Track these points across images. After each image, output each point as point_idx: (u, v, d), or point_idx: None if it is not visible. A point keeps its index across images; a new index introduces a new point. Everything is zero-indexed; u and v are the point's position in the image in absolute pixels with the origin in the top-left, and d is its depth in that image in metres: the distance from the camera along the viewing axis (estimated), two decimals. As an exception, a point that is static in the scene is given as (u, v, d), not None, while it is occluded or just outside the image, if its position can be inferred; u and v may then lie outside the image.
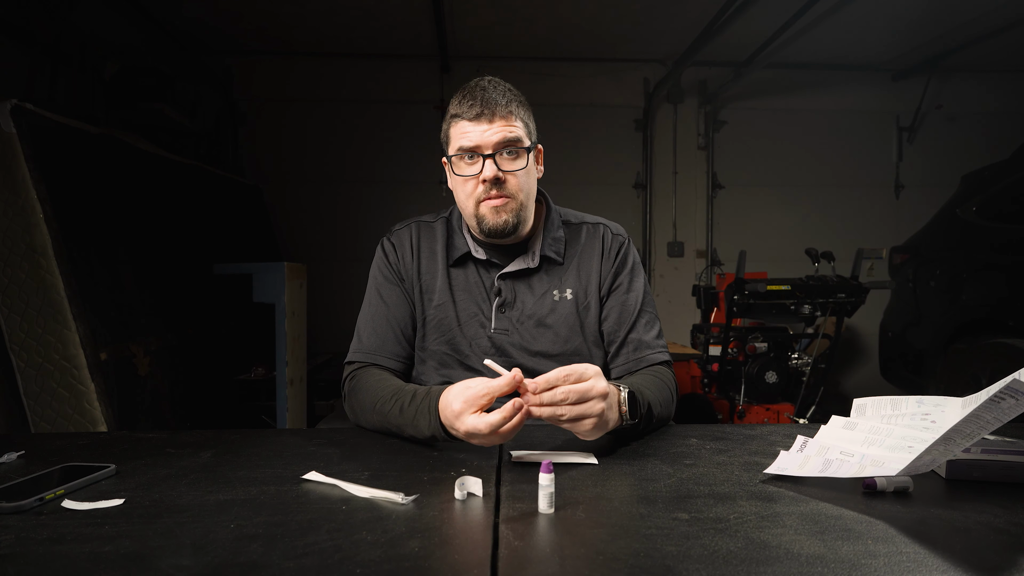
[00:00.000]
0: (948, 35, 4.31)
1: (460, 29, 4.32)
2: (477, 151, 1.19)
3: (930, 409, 0.92)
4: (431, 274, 1.31)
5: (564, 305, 1.28)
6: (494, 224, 1.22)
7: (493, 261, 1.29)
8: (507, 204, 1.21)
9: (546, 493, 0.73)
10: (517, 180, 1.22)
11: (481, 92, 1.19)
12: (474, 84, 1.22)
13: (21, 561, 0.61)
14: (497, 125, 1.19)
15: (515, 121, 1.21)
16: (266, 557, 0.61)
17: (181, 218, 3.34)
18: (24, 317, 2.26)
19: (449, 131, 1.23)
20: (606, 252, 1.32)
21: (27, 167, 2.24)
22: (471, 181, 1.21)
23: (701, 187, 5.18)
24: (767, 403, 3.54)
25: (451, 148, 1.23)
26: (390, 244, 1.35)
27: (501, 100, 1.19)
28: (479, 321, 1.27)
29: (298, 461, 0.93)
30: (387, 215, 4.82)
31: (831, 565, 0.60)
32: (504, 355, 1.26)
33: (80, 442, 1.06)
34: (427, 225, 1.36)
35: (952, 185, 3.42)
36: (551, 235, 1.32)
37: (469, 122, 1.19)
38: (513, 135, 1.20)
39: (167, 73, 3.77)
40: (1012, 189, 2.94)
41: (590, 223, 1.37)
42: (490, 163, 1.18)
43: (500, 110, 1.19)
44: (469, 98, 1.20)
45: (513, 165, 1.21)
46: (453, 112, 1.22)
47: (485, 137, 1.18)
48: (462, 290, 1.29)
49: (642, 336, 1.28)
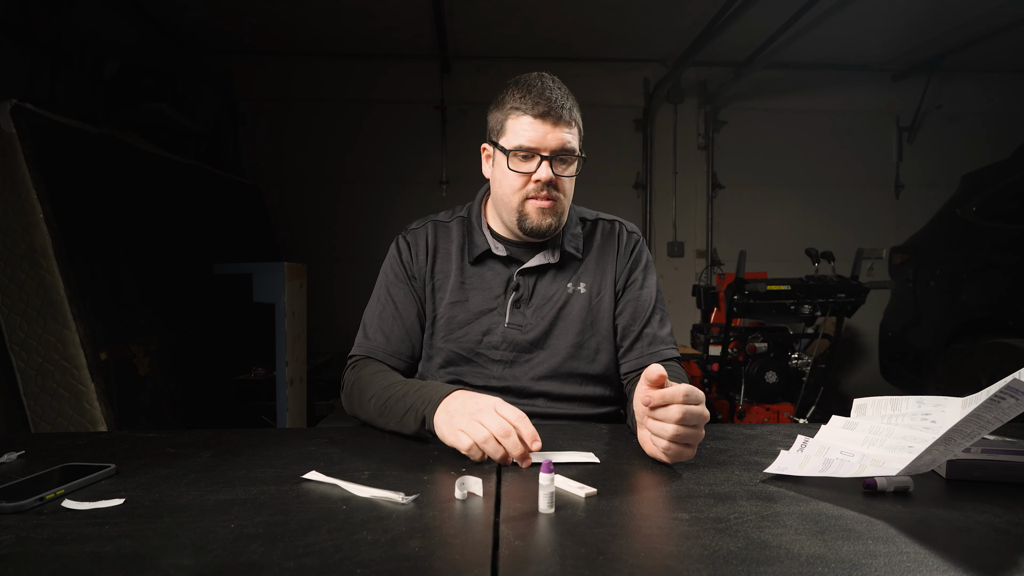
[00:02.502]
0: (948, 35, 4.30)
1: (460, 29, 4.32)
2: (536, 151, 1.19)
3: (930, 409, 0.92)
4: (445, 273, 1.31)
5: (578, 299, 1.29)
6: (538, 225, 1.23)
7: (513, 257, 1.30)
8: (554, 207, 1.22)
9: (546, 493, 0.73)
10: (565, 185, 1.23)
11: (548, 91, 1.19)
12: (536, 79, 1.21)
13: (21, 561, 0.61)
14: (560, 129, 1.19)
15: (574, 128, 1.22)
16: (266, 557, 0.61)
17: (181, 218, 3.34)
18: (24, 317, 2.26)
19: (507, 122, 1.22)
20: (622, 249, 1.34)
21: (27, 167, 2.24)
22: (521, 178, 1.21)
23: (701, 187, 5.18)
24: (767, 403, 3.54)
25: (507, 140, 1.22)
26: (405, 243, 1.35)
27: (566, 104, 1.20)
28: (493, 318, 1.27)
29: (298, 461, 0.93)
30: (387, 215, 4.82)
31: (831, 565, 0.60)
32: (517, 349, 1.26)
33: (80, 442, 1.06)
34: (443, 225, 1.36)
35: (952, 185, 3.42)
36: (570, 231, 1.33)
37: (534, 119, 1.18)
38: (572, 141, 1.20)
39: (167, 73, 3.77)
40: (1012, 189, 2.94)
41: (606, 220, 1.38)
42: (547, 165, 1.19)
43: (565, 114, 1.19)
44: (535, 94, 1.19)
45: (566, 171, 1.22)
46: (514, 105, 1.20)
47: (547, 139, 1.18)
48: (478, 288, 1.29)
49: (656, 331, 1.29)
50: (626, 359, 1.29)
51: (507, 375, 1.25)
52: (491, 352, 1.26)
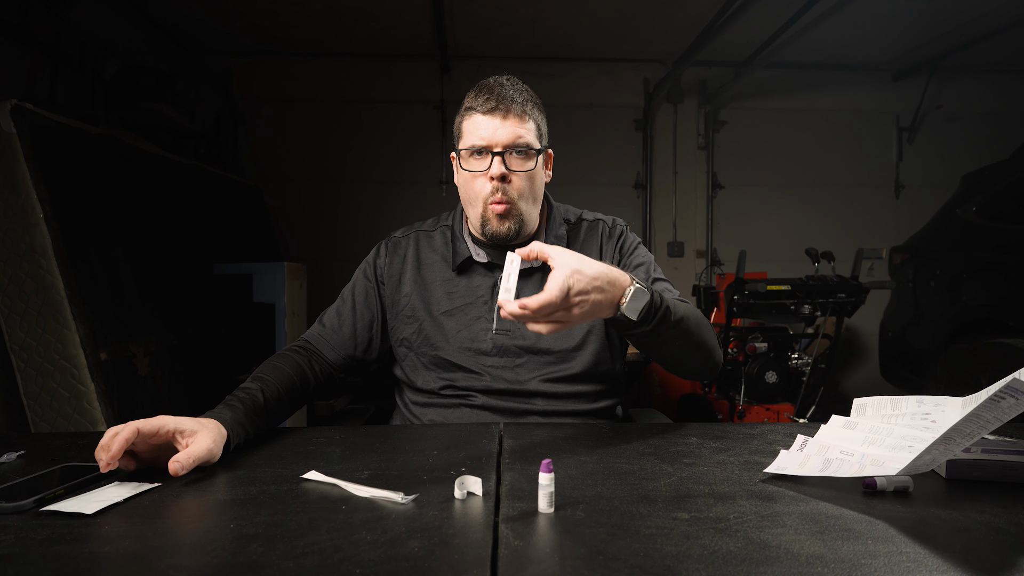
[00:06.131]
0: (948, 35, 4.30)
1: (460, 29, 4.32)
2: (488, 148, 1.19)
3: (930, 409, 0.92)
4: (430, 283, 1.32)
5: None
6: (497, 230, 1.23)
7: (495, 263, 1.30)
8: (509, 211, 1.22)
9: (546, 493, 0.73)
10: (521, 182, 1.21)
11: (498, 88, 1.20)
12: (492, 80, 1.22)
13: (21, 561, 0.61)
14: (510, 122, 1.19)
15: (528, 121, 1.21)
16: (266, 557, 0.61)
17: (181, 218, 3.34)
18: (24, 317, 2.26)
19: (462, 124, 1.23)
20: (605, 243, 1.34)
21: (27, 167, 2.24)
22: (479, 178, 1.21)
23: (701, 187, 5.18)
24: (767, 403, 3.53)
25: (462, 142, 1.23)
26: (385, 250, 1.38)
27: (517, 98, 1.20)
28: (481, 324, 1.28)
29: (298, 461, 0.93)
30: (387, 215, 4.82)
31: (831, 565, 0.60)
32: (507, 354, 1.27)
33: (80, 442, 1.06)
34: (427, 234, 1.38)
35: (952, 185, 3.42)
36: (553, 233, 1.33)
37: (483, 115, 1.19)
38: (525, 134, 1.20)
39: (167, 73, 3.76)
40: (1012, 189, 2.94)
41: (588, 220, 1.38)
42: (499, 160, 1.18)
43: (515, 108, 1.19)
44: (485, 92, 1.19)
45: (522, 165, 1.21)
46: (467, 105, 1.22)
47: (497, 134, 1.18)
48: (464, 295, 1.30)
49: None
50: None
51: (501, 378, 1.26)
52: (482, 359, 1.26)
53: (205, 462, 0.88)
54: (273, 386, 1.13)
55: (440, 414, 1.28)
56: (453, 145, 1.29)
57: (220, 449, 0.91)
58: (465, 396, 1.26)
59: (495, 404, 1.25)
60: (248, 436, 1.01)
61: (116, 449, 0.81)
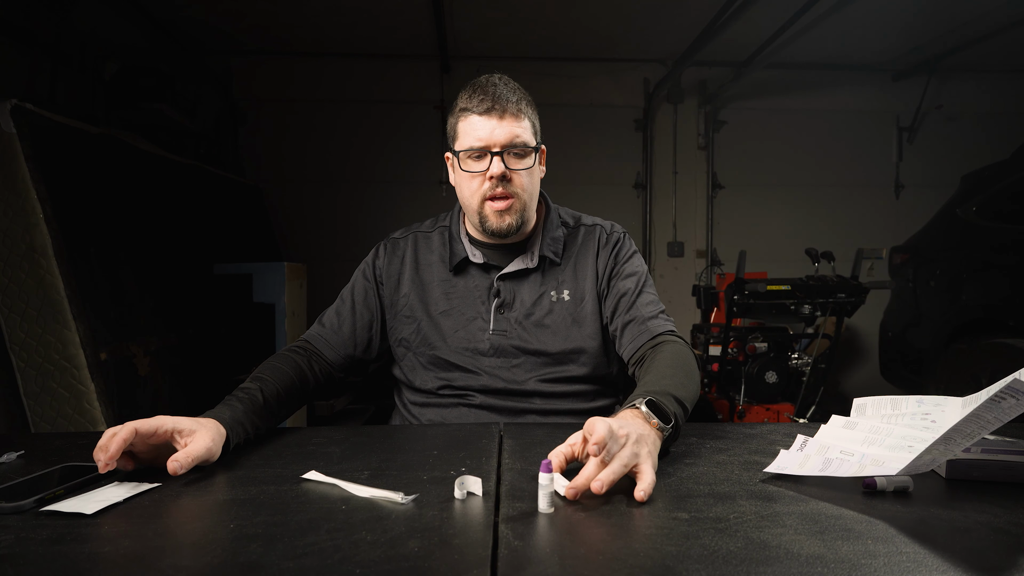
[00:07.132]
0: (948, 35, 4.30)
1: (460, 29, 4.32)
2: (486, 149, 1.19)
3: (930, 409, 0.92)
4: (428, 284, 1.32)
5: (562, 306, 1.29)
6: (498, 226, 1.23)
7: (491, 264, 1.30)
8: (511, 206, 1.22)
9: (546, 493, 0.73)
10: (522, 179, 1.22)
11: (492, 88, 1.20)
12: (484, 80, 1.22)
13: (21, 561, 0.61)
14: (507, 122, 1.19)
15: (524, 120, 1.21)
16: (266, 557, 0.61)
17: (181, 218, 3.34)
18: (24, 317, 2.26)
19: (457, 125, 1.23)
20: (601, 249, 1.34)
21: (27, 167, 2.24)
22: (477, 178, 1.22)
23: (701, 187, 5.18)
24: (767, 403, 3.54)
25: (459, 143, 1.23)
26: (384, 250, 1.38)
27: (512, 97, 1.20)
28: (478, 324, 1.28)
29: (298, 461, 0.93)
30: (387, 215, 4.82)
31: (831, 565, 0.60)
32: (504, 354, 1.27)
33: (80, 442, 1.06)
34: (425, 235, 1.38)
35: (952, 185, 3.42)
36: (550, 235, 1.33)
37: (479, 116, 1.19)
38: (522, 133, 1.20)
39: (167, 73, 3.77)
40: (1012, 189, 2.94)
41: (587, 224, 1.38)
42: (498, 160, 1.19)
43: (511, 107, 1.19)
44: (480, 93, 1.20)
45: (520, 164, 1.22)
46: (462, 106, 1.22)
47: (495, 134, 1.18)
48: (461, 296, 1.30)
49: (642, 312, 1.26)
50: (623, 348, 1.28)
51: (498, 377, 1.26)
52: (479, 359, 1.27)
53: (204, 461, 0.88)
54: (273, 386, 1.13)
55: (438, 414, 1.28)
56: (447, 146, 1.29)
57: (219, 448, 0.91)
58: (463, 396, 1.27)
59: (493, 403, 1.25)
60: (247, 436, 1.01)
61: (114, 449, 0.81)
